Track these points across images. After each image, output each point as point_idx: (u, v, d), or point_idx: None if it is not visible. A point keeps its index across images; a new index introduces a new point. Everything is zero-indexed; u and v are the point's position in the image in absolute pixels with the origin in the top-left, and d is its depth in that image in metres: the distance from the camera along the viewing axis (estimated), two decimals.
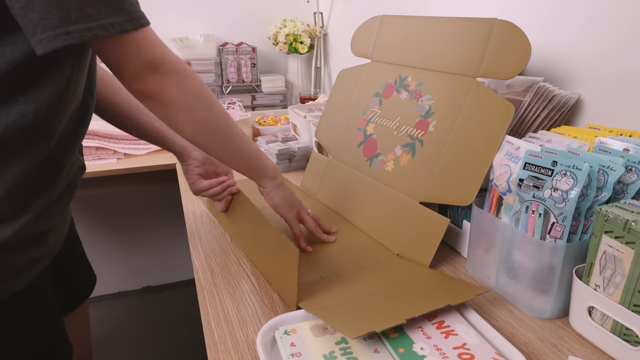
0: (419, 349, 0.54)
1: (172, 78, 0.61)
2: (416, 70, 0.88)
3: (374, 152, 0.92)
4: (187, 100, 0.64)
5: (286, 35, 1.97)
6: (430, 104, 0.82)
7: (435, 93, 0.83)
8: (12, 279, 0.64)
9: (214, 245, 0.86)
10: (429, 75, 0.85)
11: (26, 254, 0.65)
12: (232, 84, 1.97)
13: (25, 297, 0.67)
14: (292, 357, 0.53)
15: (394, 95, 0.91)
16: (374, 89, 0.97)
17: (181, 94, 0.63)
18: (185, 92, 0.63)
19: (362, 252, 0.82)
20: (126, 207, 2.01)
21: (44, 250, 0.68)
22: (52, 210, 0.68)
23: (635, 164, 0.62)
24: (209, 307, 0.67)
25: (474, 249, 0.74)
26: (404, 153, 0.84)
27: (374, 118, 0.94)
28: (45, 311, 0.73)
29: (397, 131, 0.87)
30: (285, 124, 1.57)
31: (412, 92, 0.87)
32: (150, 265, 2.14)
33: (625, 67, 0.77)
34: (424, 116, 0.83)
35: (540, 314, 0.64)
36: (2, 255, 0.61)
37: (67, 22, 0.51)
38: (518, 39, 0.71)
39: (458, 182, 0.74)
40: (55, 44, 0.51)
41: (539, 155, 0.62)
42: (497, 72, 0.73)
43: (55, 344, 0.76)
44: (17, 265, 0.64)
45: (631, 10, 0.75)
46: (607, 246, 0.55)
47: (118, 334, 1.89)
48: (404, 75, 0.90)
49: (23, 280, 0.66)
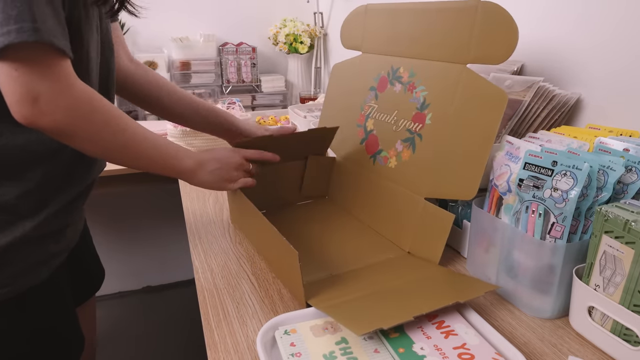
0: (419, 349, 0.54)
1: (73, 110, 0.58)
2: (407, 60, 0.86)
3: (376, 148, 0.91)
4: (89, 132, 0.61)
5: (286, 35, 1.97)
6: (424, 96, 0.81)
7: (428, 84, 0.81)
8: (31, 272, 0.68)
9: (214, 245, 0.86)
10: (420, 65, 0.84)
11: (45, 249, 0.69)
12: (232, 84, 1.97)
13: (42, 290, 0.70)
14: (292, 357, 0.53)
15: (388, 88, 0.90)
16: (369, 83, 0.96)
17: (82, 126, 0.60)
18: (88, 124, 0.60)
19: (373, 250, 0.82)
20: (126, 207, 2.01)
21: (61, 245, 0.72)
22: (72, 206, 0.72)
23: (635, 164, 0.62)
24: (209, 307, 0.67)
25: (474, 249, 0.74)
26: (405, 148, 0.84)
27: (372, 113, 0.93)
28: (61, 304, 0.76)
29: (396, 126, 0.87)
30: (285, 124, 1.57)
31: (406, 84, 0.86)
32: (150, 265, 2.14)
33: (626, 67, 0.77)
34: (420, 108, 0.82)
35: (540, 314, 0.64)
36: (22, 249, 0.65)
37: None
38: (503, 19, 0.68)
39: (459, 176, 0.73)
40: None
41: (539, 155, 0.62)
42: (487, 56, 0.71)
43: (69, 336, 0.78)
44: (36, 259, 0.68)
45: (632, 10, 0.75)
46: (607, 246, 0.55)
47: (118, 334, 1.89)
48: (395, 67, 0.89)
49: (41, 274, 0.69)
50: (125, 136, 0.65)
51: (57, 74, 0.55)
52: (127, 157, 0.68)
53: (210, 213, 1.00)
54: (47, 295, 0.72)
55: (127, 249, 2.08)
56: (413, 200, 0.80)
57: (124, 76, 0.88)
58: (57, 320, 0.75)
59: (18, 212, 0.64)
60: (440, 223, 0.75)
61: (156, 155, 0.71)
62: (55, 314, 0.74)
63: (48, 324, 0.73)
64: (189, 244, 0.87)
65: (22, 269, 0.66)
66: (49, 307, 0.73)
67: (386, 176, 0.88)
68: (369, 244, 0.84)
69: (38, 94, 0.54)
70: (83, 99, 0.59)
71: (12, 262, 0.65)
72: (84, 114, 0.59)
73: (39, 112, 0.54)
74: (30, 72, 0.53)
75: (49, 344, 0.73)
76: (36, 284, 0.68)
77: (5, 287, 0.65)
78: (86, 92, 0.59)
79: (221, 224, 0.95)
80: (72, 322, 0.79)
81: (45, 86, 0.54)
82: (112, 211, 1.99)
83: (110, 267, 2.15)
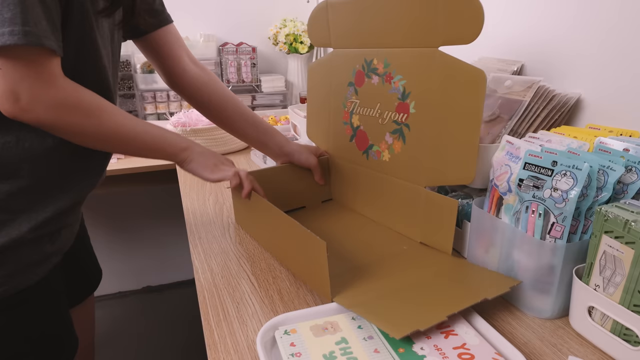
0: (419, 349, 0.54)
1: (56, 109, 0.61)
2: (379, 50, 0.85)
3: (366, 144, 0.91)
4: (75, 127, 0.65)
5: (286, 35, 1.97)
6: (403, 85, 0.81)
7: (404, 72, 0.80)
8: (26, 273, 0.68)
9: (214, 245, 0.86)
10: (393, 54, 0.82)
11: (40, 250, 0.69)
12: (232, 84, 1.97)
13: (36, 291, 0.70)
14: (292, 357, 0.53)
15: (366, 81, 0.89)
16: (346, 78, 0.94)
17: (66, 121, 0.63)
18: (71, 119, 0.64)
19: (386, 243, 0.83)
20: (126, 207, 2.01)
21: (57, 246, 0.73)
22: (69, 209, 0.72)
23: (635, 164, 0.62)
24: (209, 307, 0.67)
25: (474, 249, 0.74)
26: (395, 140, 0.84)
27: (356, 109, 0.93)
28: (55, 304, 0.76)
29: (382, 118, 0.86)
30: (285, 124, 1.57)
31: (382, 75, 0.85)
32: (150, 265, 2.14)
33: (626, 67, 0.77)
34: (402, 98, 0.81)
35: (540, 314, 0.64)
36: (18, 250, 0.65)
37: None
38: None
39: (454, 162, 0.73)
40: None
41: (539, 155, 0.62)
42: (457, 38, 0.70)
43: (62, 336, 0.78)
44: (31, 260, 0.68)
45: (632, 10, 0.75)
46: (607, 246, 0.55)
47: (118, 334, 1.89)
48: (369, 59, 0.88)
49: (36, 275, 0.69)
50: (109, 127, 0.68)
51: (40, 73, 0.58)
52: (117, 144, 0.71)
53: (210, 213, 1.00)
54: (40, 295, 0.71)
55: (126, 249, 2.08)
56: (414, 191, 0.81)
57: (190, 79, 0.90)
58: (50, 320, 0.75)
59: (11, 210, 0.64)
60: (446, 210, 0.75)
61: (148, 140, 0.73)
62: (48, 315, 0.74)
63: (41, 324, 0.73)
64: (189, 244, 0.87)
65: (17, 270, 0.66)
66: (42, 308, 0.73)
67: (382, 170, 0.88)
68: (380, 238, 0.85)
69: (19, 92, 0.57)
70: (66, 97, 0.62)
71: (8, 262, 0.65)
72: (67, 111, 0.62)
73: (20, 109, 0.58)
74: (14, 72, 0.56)
75: (42, 345, 0.73)
76: (30, 285, 0.68)
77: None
78: (69, 89, 0.62)
79: (221, 224, 0.95)
80: (65, 323, 0.79)
81: (26, 85, 0.57)
82: (112, 211, 1.99)
83: (110, 267, 2.16)
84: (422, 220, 0.80)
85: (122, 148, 0.72)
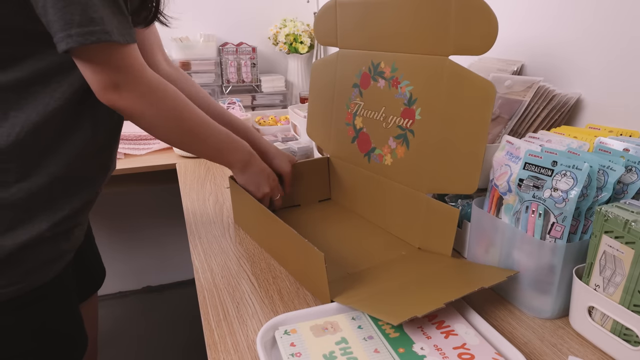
0: (419, 349, 0.54)
1: (146, 97, 0.66)
2: (387, 54, 0.84)
3: (369, 146, 0.91)
4: (159, 117, 0.69)
5: (286, 35, 1.97)
6: (410, 91, 0.80)
7: (412, 78, 0.80)
8: (44, 270, 0.69)
9: (214, 245, 0.86)
10: (401, 59, 0.82)
11: (57, 247, 0.71)
12: (232, 84, 1.97)
13: (50, 288, 0.71)
14: (292, 357, 0.53)
15: (371, 84, 0.89)
16: (351, 80, 0.94)
17: (153, 111, 0.68)
18: (158, 109, 0.68)
19: (384, 247, 0.83)
20: (126, 207, 2.01)
21: (72, 244, 0.74)
22: (85, 206, 0.74)
23: (635, 164, 0.62)
24: (209, 307, 0.67)
25: (474, 249, 0.74)
26: (398, 145, 0.83)
27: (359, 111, 0.92)
28: (68, 302, 0.78)
29: (386, 122, 0.86)
30: (285, 124, 1.57)
31: (389, 80, 0.84)
32: (150, 265, 2.14)
33: (626, 67, 0.77)
34: (407, 104, 0.81)
35: (540, 314, 0.64)
36: (36, 248, 0.67)
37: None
38: (480, 9, 0.65)
39: (458, 171, 0.72)
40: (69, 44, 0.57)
41: (539, 155, 0.62)
42: (468, 48, 0.69)
43: (74, 334, 0.79)
44: (48, 257, 0.69)
45: (632, 10, 0.75)
46: (607, 246, 0.55)
47: (118, 334, 1.89)
48: (376, 62, 0.87)
49: (52, 272, 0.71)
50: (189, 123, 0.73)
51: (128, 65, 0.63)
52: (187, 142, 0.77)
53: (210, 213, 1.00)
54: (54, 293, 0.73)
55: (127, 249, 2.08)
56: (416, 198, 0.80)
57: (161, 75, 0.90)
58: (64, 318, 0.76)
59: (31, 209, 0.65)
60: (446, 218, 0.75)
61: (213, 146, 0.79)
62: (62, 312, 0.75)
63: (55, 321, 0.74)
64: (189, 244, 0.87)
65: (34, 267, 0.67)
66: (56, 305, 0.74)
67: (383, 174, 0.88)
68: (379, 242, 0.85)
69: (118, 83, 0.63)
70: (154, 87, 0.67)
71: (27, 260, 0.66)
72: (154, 100, 0.67)
73: (118, 97, 0.64)
74: (110, 66, 0.62)
75: (55, 342, 0.74)
76: (45, 282, 0.69)
77: (17, 284, 0.65)
78: (156, 80, 0.68)
79: (221, 224, 0.95)
80: (77, 320, 0.80)
81: (122, 77, 0.63)
82: (112, 211, 1.99)
83: (110, 267, 2.15)
84: (422, 227, 0.80)
85: (192, 146, 0.78)
